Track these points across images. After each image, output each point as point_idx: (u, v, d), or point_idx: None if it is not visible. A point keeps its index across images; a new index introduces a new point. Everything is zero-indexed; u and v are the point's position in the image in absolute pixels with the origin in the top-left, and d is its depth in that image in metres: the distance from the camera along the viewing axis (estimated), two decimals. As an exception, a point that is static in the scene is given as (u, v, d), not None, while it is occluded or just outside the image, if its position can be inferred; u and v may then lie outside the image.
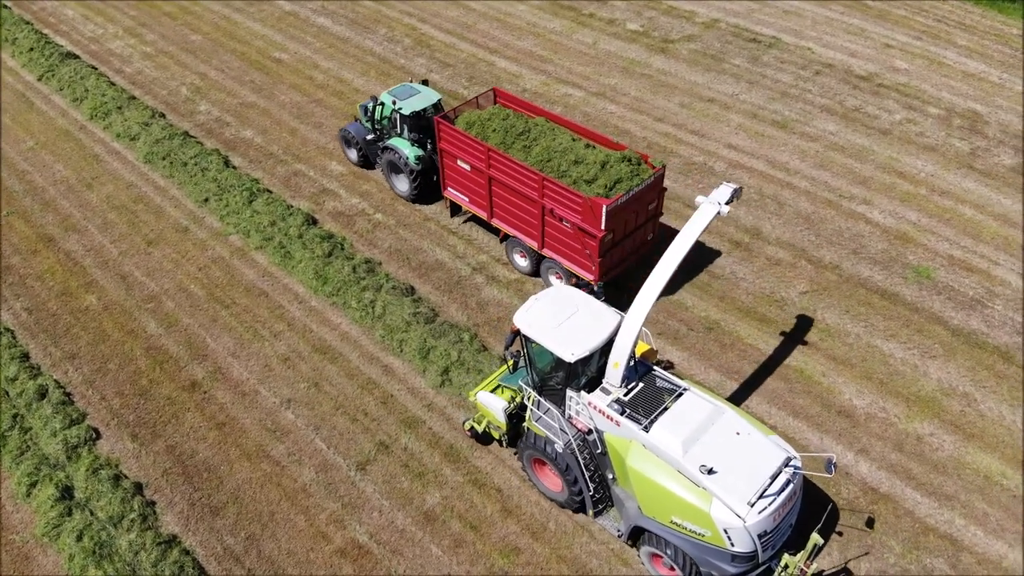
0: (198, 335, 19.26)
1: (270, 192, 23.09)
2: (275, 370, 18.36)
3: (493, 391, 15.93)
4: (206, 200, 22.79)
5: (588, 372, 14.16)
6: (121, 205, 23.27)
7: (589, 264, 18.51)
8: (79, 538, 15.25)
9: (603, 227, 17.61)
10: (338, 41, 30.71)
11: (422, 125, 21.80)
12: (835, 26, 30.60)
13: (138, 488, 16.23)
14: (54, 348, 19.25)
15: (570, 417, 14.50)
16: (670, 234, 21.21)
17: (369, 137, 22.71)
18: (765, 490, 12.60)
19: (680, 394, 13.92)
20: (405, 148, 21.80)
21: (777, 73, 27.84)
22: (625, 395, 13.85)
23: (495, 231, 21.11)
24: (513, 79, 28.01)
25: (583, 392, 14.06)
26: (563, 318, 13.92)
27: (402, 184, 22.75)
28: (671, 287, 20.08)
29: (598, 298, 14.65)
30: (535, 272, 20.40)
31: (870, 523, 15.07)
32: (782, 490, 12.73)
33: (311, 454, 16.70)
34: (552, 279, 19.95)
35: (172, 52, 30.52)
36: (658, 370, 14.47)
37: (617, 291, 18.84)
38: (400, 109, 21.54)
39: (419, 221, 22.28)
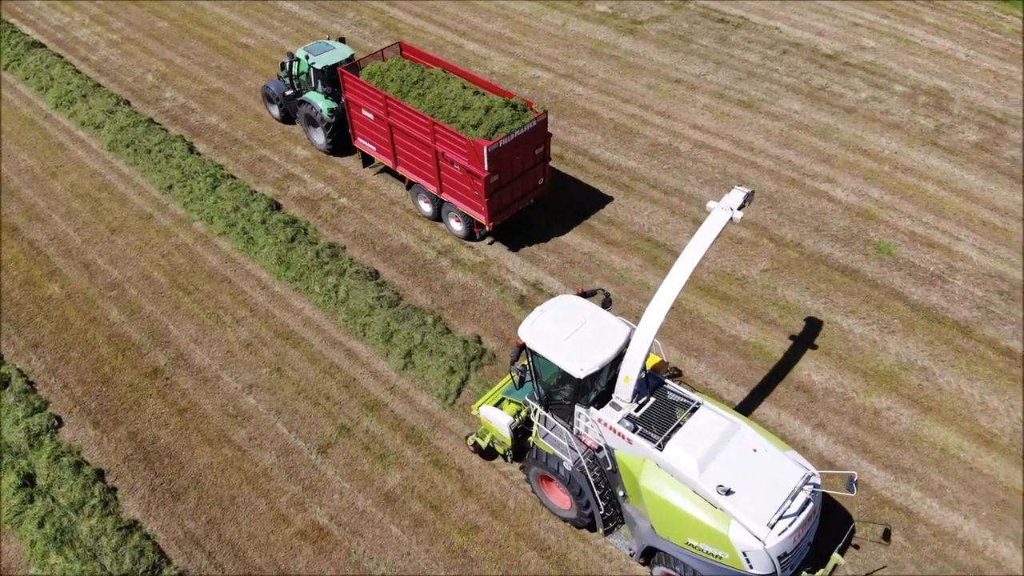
0: (160, 322, 19.24)
1: (234, 178, 23.02)
2: (237, 356, 18.37)
3: (497, 404, 15.45)
4: (170, 187, 22.71)
5: (597, 387, 13.59)
6: (85, 193, 23.15)
7: (479, 205, 19.59)
8: (40, 524, 15.31)
9: (486, 168, 18.68)
10: (305, 26, 30.51)
11: (335, 80, 22.51)
12: (803, 5, 30.61)
13: (99, 475, 16.26)
14: (17, 337, 19.19)
15: (579, 433, 13.96)
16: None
17: (288, 92, 24.08)
18: (784, 510, 12.19)
19: (694, 409, 13.37)
20: (319, 101, 22.98)
21: (744, 53, 27.87)
22: (636, 411, 13.27)
23: (402, 179, 22.05)
24: (481, 61, 27.95)
25: (592, 408, 13.49)
26: (571, 331, 13.23)
27: (318, 137, 23.87)
28: (633, 269, 20.20)
29: (606, 307, 14.07)
30: (438, 217, 21.53)
31: (887, 535, 14.72)
32: (802, 510, 12.28)
33: (272, 438, 16.76)
34: (452, 223, 21.09)
35: (138, 39, 30.27)
36: (670, 383, 13.93)
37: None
38: (313, 64, 22.64)
39: (384, 205, 22.28)
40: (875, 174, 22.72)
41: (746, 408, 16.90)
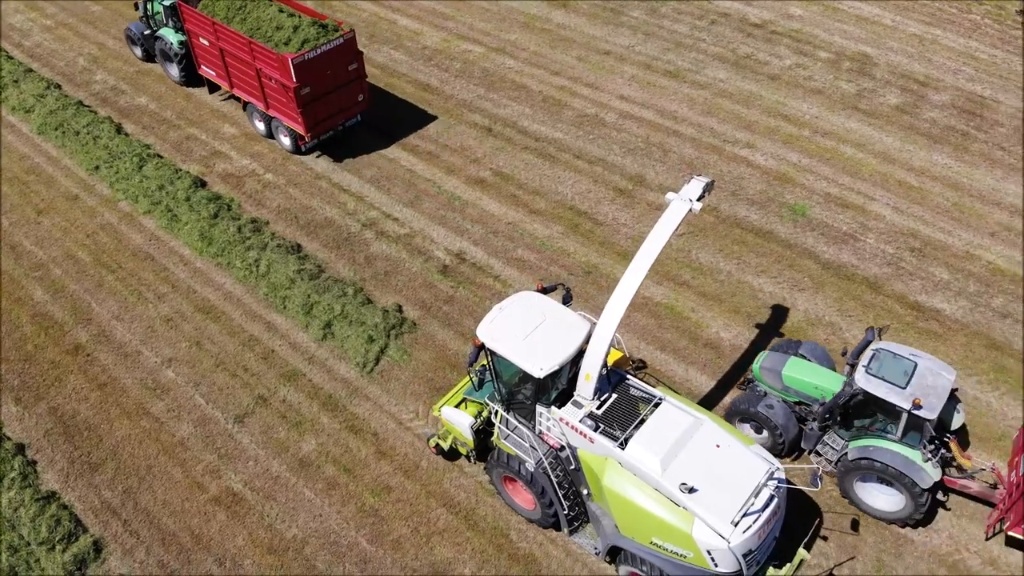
0: (83, 300, 19.42)
1: (160, 157, 23.15)
2: (158, 331, 18.60)
3: (458, 405, 15.17)
4: (97, 168, 22.82)
5: (559, 385, 13.40)
6: (13, 177, 23.19)
7: (296, 116, 21.57)
8: (-42, 501, 15.56)
9: (295, 79, 20.79)
10: (241, 6, 30.44)
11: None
12: (736, -25, 30.92)
13: (20, 449, 16.48)
14: (-59, 320, 19.33)
15: (541, 433, 13.75)
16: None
17: (146, 32, 26.20)
18: (749, 507, 12.02)
19: (656, 404, 13.19)
20: (170, 36, 25.23)
21: (674, 24, 28.18)
22: (598, 408, 13.08)
23: (241, 101, 24.31)
24: (414, 36, 28.11)
25: (554, 407, 13.30)
26: (530, 329, 12.99)
27: (173, 70, 26.14)
28: (554, 237, 20.57)
29: (567, 303, 13.90)
30: (270, 134, 23.69)
31: (854, 525, 14.72)
32: (766, 506, 12.09)
33: (190, 410, 17.04)
34: (282, 138, 23.22)
35: (72, 24, 30.15)
36: (632, 378, 13.78)
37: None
38: (163, 2, 24.62)
39: (310, 180, 22.49)
40: (794, 138, 23.18)
41: (655, 366, 17.35)
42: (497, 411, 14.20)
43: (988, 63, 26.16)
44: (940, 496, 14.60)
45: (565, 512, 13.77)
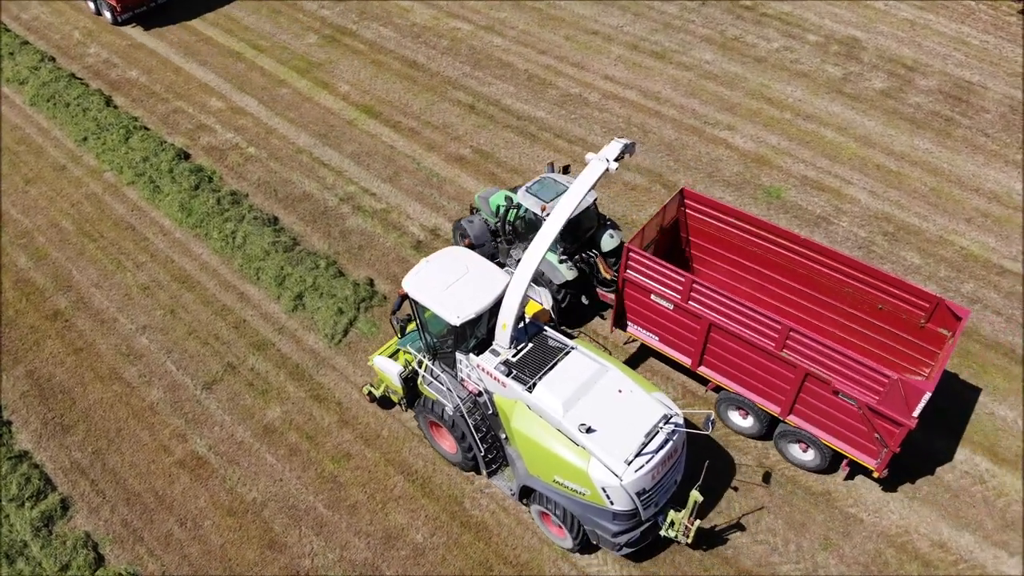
0: (65, 267, 19.90)
1: (147, 129, 23.54)
2: (134, 299, 19.05)
3: (392, 356, 15.91)
4: (85, 139, 23.25)
5: (478, 334, 14.17)
6: (4, 147, 23.67)
7: None
8: (-66, 459, 16.11)
9: None
10: (236, -19, 30.74)
11: None
12: (731, -44, 30.75)
13: (-4, 411, 17.05)
14: (-72, 284, 19.86)
15: (462, 380, 14.56)
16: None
17: None
18: (643, 448, 12.66)
19: (567, 353, 13.93)
20: None
21: (664, 4, 28.13)
22: (513, 356, 13.83)
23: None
24: (403, 13, 28.25)
25: (472, 355, 14.09)
26: (451, 280, 13.84)
27: None
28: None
29: (492, 259, 14.42)
30: (98, 11, 28.57)
31: (766, 478, 15.25)
32: (661, 447, 12.76)
33: (161, 375, 17.49)
34: (105, 13, 28.01)
35: (69, -4, 30.62)
36: (549, 330, 14.47)
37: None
38: None
39: (291, 154, 22.79)
40: (776, 121, 23.18)
41: (605, 335, 17.61)
42: (420, 359, 14.95)
43: (979, 49, 25.95)
44: (584, 300, 17.43)
45: (482, 455, 14.58)
